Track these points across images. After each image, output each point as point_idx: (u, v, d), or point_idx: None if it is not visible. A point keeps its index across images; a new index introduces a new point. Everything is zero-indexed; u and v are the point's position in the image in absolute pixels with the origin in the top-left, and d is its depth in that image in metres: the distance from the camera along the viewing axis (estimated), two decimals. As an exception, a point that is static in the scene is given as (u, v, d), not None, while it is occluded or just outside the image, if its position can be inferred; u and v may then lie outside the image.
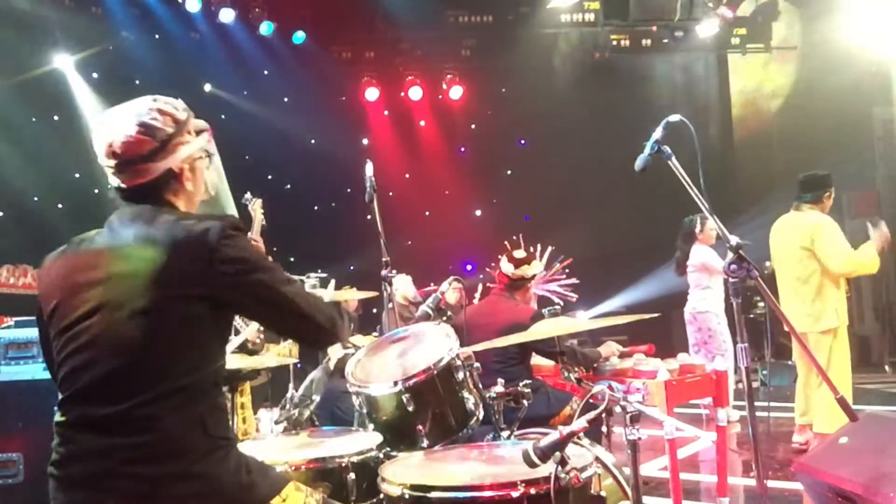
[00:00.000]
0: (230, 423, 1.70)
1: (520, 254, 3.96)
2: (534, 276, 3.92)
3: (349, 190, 9.49)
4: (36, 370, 3.76)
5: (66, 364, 1.60)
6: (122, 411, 1.52)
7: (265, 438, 2.55)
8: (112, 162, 1.67)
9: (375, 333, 4.59)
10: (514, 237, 6.42)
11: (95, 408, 1.54)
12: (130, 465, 1.50)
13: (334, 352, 3.76)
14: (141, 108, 1.69)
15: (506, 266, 3.92)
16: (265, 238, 3.76)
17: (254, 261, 1.64)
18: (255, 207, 3.79)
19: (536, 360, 4.05)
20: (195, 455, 1.54)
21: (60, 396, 1.61)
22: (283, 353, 6.03)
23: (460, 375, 2.49)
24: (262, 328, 3.64)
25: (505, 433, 2.58)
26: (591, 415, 1.78)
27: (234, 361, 2.88)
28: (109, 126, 1.68)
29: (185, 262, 1.57)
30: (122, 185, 1.70)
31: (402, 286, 7.43)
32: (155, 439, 1.51)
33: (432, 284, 7.73)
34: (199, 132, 1.80)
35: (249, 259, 1.64)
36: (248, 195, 3.83)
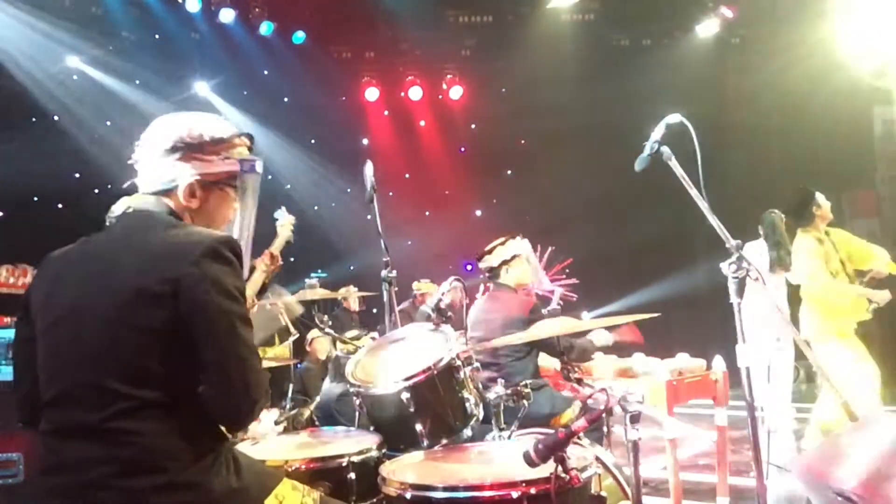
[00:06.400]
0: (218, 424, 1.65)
1: (490, 247, 3.90)
2: (514, 256, 3.83)
3: (349, 190, 9.49)
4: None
5: (46, 369, 1.58)
6: (100, 421, 1.48)
7: (265, 438, 2.54)
8: (139, 152, 1.72)
9: (375, 334, 4.58)
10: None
11: (75, 415, 1.51)
12: (116, 478, 1.46)
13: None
14: (187, 115, 1.76)
15: (480, 264, 3.93)
16: (282, 255, 3.71)
17: (232, 295, 1.55)
18: (286, 223, 3.63)
19: (540, 360, 4.02)
20: (180, 465, 1.49)
21: (44, 402, 1.57)
22: (282, 353, 6.03)
23: (460, 375, 2.49)
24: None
25: (505, 433, 2.58)
26: (591, 415, 1.78)
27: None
28: (159, 121, 1.74)
29: (163, 271, 1.52)
30: (138, 183, 1.72)
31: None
32: (136, 453, 1.48)
33: (432, 284, 7.73)
34: (231, 161, 1.75)
35: (227, 290, 1.54)
36: (282, 209, 3.66)
